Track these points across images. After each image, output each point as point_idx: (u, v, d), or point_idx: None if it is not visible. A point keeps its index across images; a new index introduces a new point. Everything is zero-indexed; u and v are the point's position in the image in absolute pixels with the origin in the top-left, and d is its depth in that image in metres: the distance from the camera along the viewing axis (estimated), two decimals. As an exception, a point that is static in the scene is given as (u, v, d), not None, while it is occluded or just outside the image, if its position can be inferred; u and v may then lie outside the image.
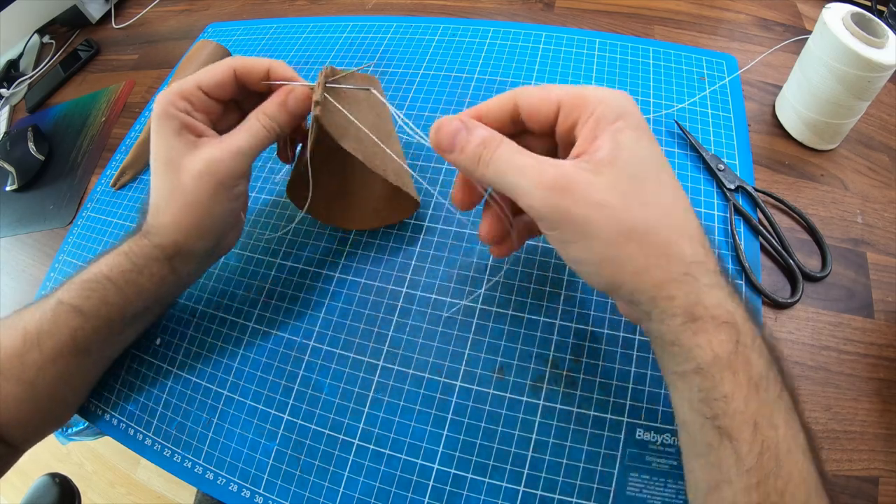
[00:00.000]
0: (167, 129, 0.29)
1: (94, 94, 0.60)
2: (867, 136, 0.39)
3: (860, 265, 0.33)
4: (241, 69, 0.30)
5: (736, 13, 0.48)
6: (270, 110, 0.30)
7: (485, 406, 0.30)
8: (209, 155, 0.29)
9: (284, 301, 0.36)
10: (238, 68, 0.30)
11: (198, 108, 0.30)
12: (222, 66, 0.30)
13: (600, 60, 0.44)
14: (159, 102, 0.29)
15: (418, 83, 0.46)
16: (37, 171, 0.54)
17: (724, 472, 0.19)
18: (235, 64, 0.30)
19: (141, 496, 1.03)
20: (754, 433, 0.19)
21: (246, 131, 0.30)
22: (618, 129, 0.21)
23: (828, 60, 0.34)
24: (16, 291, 0.46)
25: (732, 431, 0.19)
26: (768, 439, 0.19)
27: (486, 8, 0.53)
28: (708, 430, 0.20)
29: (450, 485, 0.29)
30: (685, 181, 0.37)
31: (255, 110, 0.30)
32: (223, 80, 0.30)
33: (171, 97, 0.29)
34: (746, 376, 0.19)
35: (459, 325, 0.33)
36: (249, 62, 0.30)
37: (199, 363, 0.35)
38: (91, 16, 0.68)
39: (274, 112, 0.30)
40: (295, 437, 0.32)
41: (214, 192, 0.29)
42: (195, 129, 0.30)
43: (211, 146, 0.29)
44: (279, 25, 0.56)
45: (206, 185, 0.29)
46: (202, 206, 0.29)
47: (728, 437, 0.19)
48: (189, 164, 0.29)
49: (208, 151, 0.29)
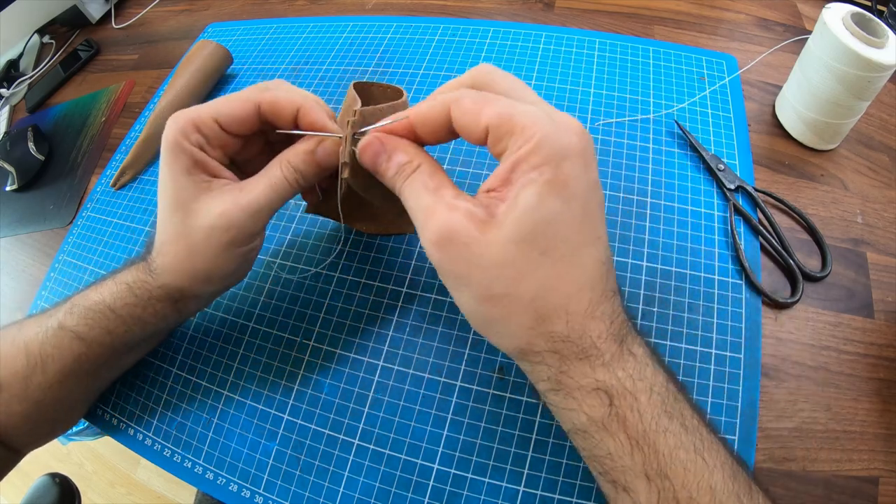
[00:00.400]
0: (177, 166, 0.26)
1: (94, 94, 0.60)
2: (867, 136, 0.39)
3: (860, 265, 0.33)
4: (267, 107, 0.26)
5: (736, 13, 0.48)
6: (296, 161, 0.26)
7: (485, 406, 0.30)
8: (222, 209, 0.26)
9: (284, 301, 0.36)
10: (263, 105, 0.26)
11: (213, 142, 0.27)
12: (244, 101, 0.26)
13: (600, 60, 0.44)
14: (171, 130, 0.26)
15: (418, 83, 0.46)
16: (37, 171, 0.54)
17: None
18: (261, 99, 0.26)
19: (141, 496, 1.03)
20: (648, 484, 0.19)
21: (266, 183, 0.26)
22: (528, 182, 0.19)
23: (828, 60, 0.34)
24: (16, 291, 0.46)
25: (626, 484, 0.19)
26: (664, 490, 0.19)
27: (486, 8, 0.53)
28: (604, 483, 0.21)
29: (450, 485, 0.29)
30: (685, 181, 0.37)
31: (279, 157, 0.27)
32: (244, 116, 0.26)
33: (185, 126, 0.26)
34: (625, 435, 0.19)
35: (459, 325, 0.33)
36: (277, 100, 0.26)
37: (199, 363, 0.35)
38: (91, 16, 0.68)
39: (299, 163, 0.26)
40: (295, 437, 0.32)
41: (224, 250, 0.26)
42: (208, 168, 0.27)
43: (224, 197, 0.26)
44: (279, 25, 0.56)
45: (216, 242, 0.26)
46: (209, 260, 0.27)
47: (624, 489, 0.20)
48: (199, 210, 0.26)
49: (221, 204, 0.26)
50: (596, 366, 0.20)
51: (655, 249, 0.34)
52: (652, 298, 0.32)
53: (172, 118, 0.26)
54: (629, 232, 0.35)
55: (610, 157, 0.38)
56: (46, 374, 0.28)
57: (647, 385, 0.20)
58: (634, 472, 0.19)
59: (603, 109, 0.41)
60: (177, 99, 0.48)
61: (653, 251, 0.34)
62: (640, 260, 0.34)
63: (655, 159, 0.38)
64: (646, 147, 0.39)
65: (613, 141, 0.39)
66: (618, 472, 0.20)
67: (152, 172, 0.47)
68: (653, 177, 0.37)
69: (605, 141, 0.39)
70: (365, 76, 0.48)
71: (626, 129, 0.40)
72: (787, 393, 0.29)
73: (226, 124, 0.27)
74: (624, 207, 0.36)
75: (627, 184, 0.37)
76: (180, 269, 0.27)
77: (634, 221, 0.35)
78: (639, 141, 0.39)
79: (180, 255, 0.27)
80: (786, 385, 0.30)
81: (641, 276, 0.33)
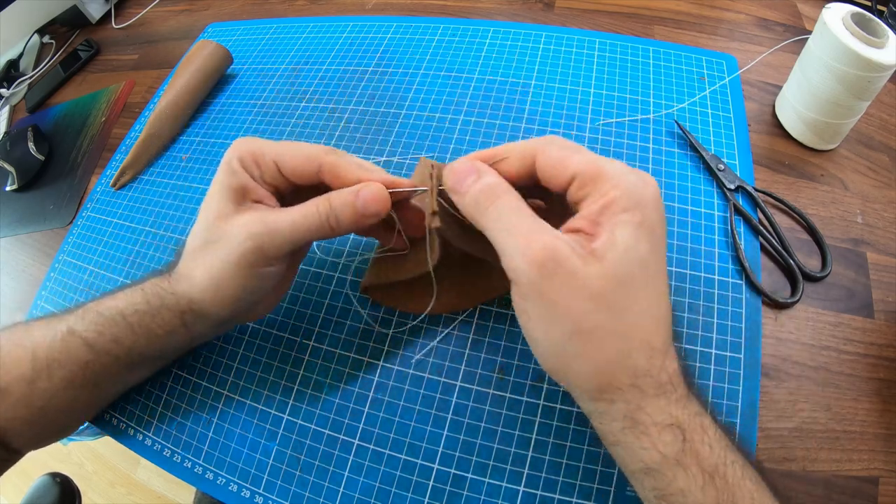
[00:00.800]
0: (226, 183, 0.27)
1: (94, 94, 0.60)
2: (867, 136, 0.39)
3: (860, 265, 0.33)
4: (329, 174, 0.26)
5: (736, 13, 0.48)
6: (337, 201, 0.26)
7: (485, 406, 0.30)
8: (247, 221, 0.26)
9: (284, 301, 0.36)
10: (325, 168, 0.26)
11: (267, 178, 0.27)
12: (309, 158, 0.27)
13: (600, 60, 0.44)
14: (232, 151, 0.27)
15: (418, 83, 0.46)
16: (37, 171, 0.54)
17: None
18: (324, 162, 0.26)
19: (141, 496, 1.03)
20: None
21: (299, 211, 0.26)
22: (622, 223, 0.21)
23: (828, 60, 0.34)
24: (16, 291, 0.46)
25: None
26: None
27: (486, 8, 0.53)
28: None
29: (450, 485, 0.29)
30: (685, 181, 0.37)
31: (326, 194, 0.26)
32: (304, 172, 0.27)
33: (244, 154, 0.27)
34: (698, 469, 0.20)
35: (459, 325, 0.33)
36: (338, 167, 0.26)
37: (199, 363, 0.35)
38: (91, 16, 0.68)
39: (339, 203, 0.25)
40: (295, 437, 0.32)
41: (237, 261, 0.26)
42: (255, 195, 0.27)
43: (256, 213, 0.26)
44: (279, 25, 0.56)
45: (233, 253, 0.26)
46: (222, 271, 0.26)
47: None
48: (230, 222, 0.26)
49: (250, 218, 0.26)
50: (671, 401, 0.20)
51: (655, 249, 0.34)
52: (652, 298, 0.32)
53: (239, 140, 0.27)
54: (629, 232, 0.35)
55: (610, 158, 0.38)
56: (52, 381, 0.28)
57: (710, 420, 0.21)
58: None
59: (603, 109, 0.41)
60: (177, 99, 0.48)
61: (653, 251, 0.34)
62: (640, 260, 0.34)
63: (655, 159, 0.38)
64: (646, 147, 0.39)
65: (613, 141, 0.39)
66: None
67: (152, 172, 0.47)
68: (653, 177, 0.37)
69: (605, 141, 0.39)
70: (365, 76, 0.48)
71: (626, 129, 0.40)
72: (787, 393, 0.29)
73: (285, 172, 0.27)
74: (624, 207, 0.36)
75: (627, 184, 0.37)
76: (196, 275, 0.27)
77: (634, 221, 0.35)
78: (639, 141, 0.39)
79: (198, 261, 0.27)
80: (786, 385, 0.30)
81: (641, 276, 0.33)
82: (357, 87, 0.47)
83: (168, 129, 0.48)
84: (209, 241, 0.27)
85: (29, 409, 0.28)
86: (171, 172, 0.46)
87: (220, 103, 0.51)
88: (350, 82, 0.48)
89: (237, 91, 0.51)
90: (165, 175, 0.46)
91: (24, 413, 0.28)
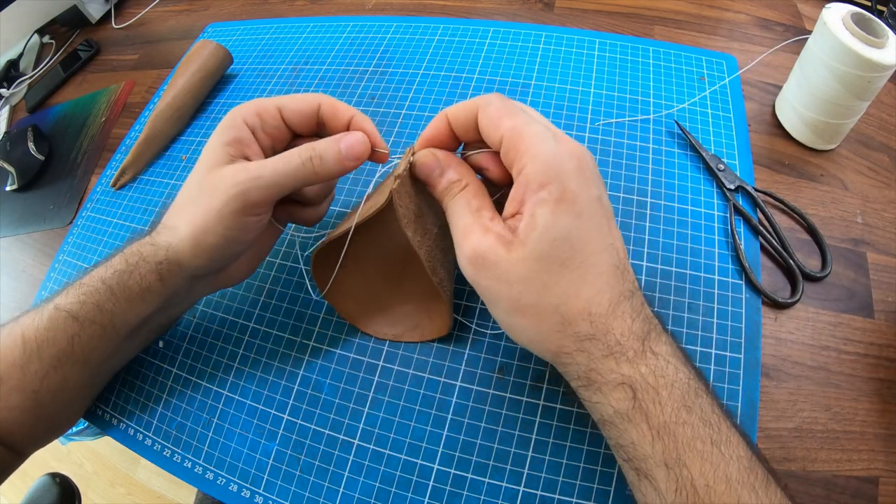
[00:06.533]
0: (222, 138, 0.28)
1: (94, 94, 0.60)
2: (867, 136, 0.39)
3: (860, 265, 0.33)
4: (327, 108, 0.29)
5: (736, 13, 0.48)
6: (321, 145, 0.27)
7: (485, 406, 0.30)
8: (234, 175, 0.27)
9: (284, 301, 0.36)
10: (324, 105, 0.29)
11: (267, 129, 0.29)
12: (309, 98, 0.29)
13: (600, 60, 0.44)
14: (238, 107, 0.29)
15: (418, 83, 0.46)
16: (37, 171, 0.54)
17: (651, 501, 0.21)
18: (322, 100, 0.29)
19: (141, 496, 1.03)
20: (667, 472, 0.20)
21: (281, 158, 0.27)
22: (540, 202, 0.22)
23: (828, 60, 0.34)
24: (16, 291, 0.46)
25: (648, 472, 0.21)
26: (682, 478, 0.20)
27: (486, 8, 0.53)
28: (628, 470, 0.22)
29: (450, 485, 0.29)
30: (685, 181, 0.37)
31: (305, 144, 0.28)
32: (306, 110, 0.29)
33: (247, 108, 0.29)
34: (647, 425, 0.21)
35: (459, 325, 0.33)
36: (336, 104, 0.29)
37: (199, 363, 0.35)
38: (91, 16, 0.68)
39: (324, 148, 0.27)
40: (295, 437, 0.32)
41: (220, 214, 0.27)
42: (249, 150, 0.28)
43: (240, 165, 0.27)
44: (279, 25, 0.56)
45: (217, 203, 0.27)
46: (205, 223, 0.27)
47: (645, 477, 0.21)
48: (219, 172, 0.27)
49: (235, 170, 0.27)
50: (621, 362, 0.22)
51: (655, 249, 0.34)
52: (652, 298, 0.32)
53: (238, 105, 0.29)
54: (629, 232, 0.35)
55: (610, 158, 0.38)
56: (42, 361, 0.28)
57: (669, 381, 0.21)
58: (655, 461, 0.21)
59: (603, 109, 0.41)
60: (177, 99, 0.48)
61: (653, 251, 0.34)
62: (640, 260, 0.34)
63: (655, 159, 0.38)
64: (646, 147, 0.39)
65: (613, 141, 0.39)
66: (640, 461, 0.21)
67: (152, 172, 0.47)
68: (653, 177, 0.37)
69: (605, 141, 0.39)
70: (365, 76, 0.48)
71: (626, 129, 0.40)
72: (787, 393, 0.29)
73: (287, 114, 0.29)
74: (624, 207, 0.36)
75: (627, 184, 0.37)
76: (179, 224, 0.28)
77: (634, 221, 0.35)
78: (639, 141, 0.39)
79: (182, 213, 0.28)
80: (786, 385, 0.30)
81: (641, 276, 0.33)
82: (357, 87, 0.47)
83: (168, 129, 0.48)
84: (196, 194, 0.28)
85: (23, 394, 0.28)
86: (171, 172, 0.46)
87: (220, 103, 0.51)
88: (350, 82, 0.48)
89: (237, 91, 0.51)
90: (165, 175, 0.46)
91: (19, 400, 0.28)
